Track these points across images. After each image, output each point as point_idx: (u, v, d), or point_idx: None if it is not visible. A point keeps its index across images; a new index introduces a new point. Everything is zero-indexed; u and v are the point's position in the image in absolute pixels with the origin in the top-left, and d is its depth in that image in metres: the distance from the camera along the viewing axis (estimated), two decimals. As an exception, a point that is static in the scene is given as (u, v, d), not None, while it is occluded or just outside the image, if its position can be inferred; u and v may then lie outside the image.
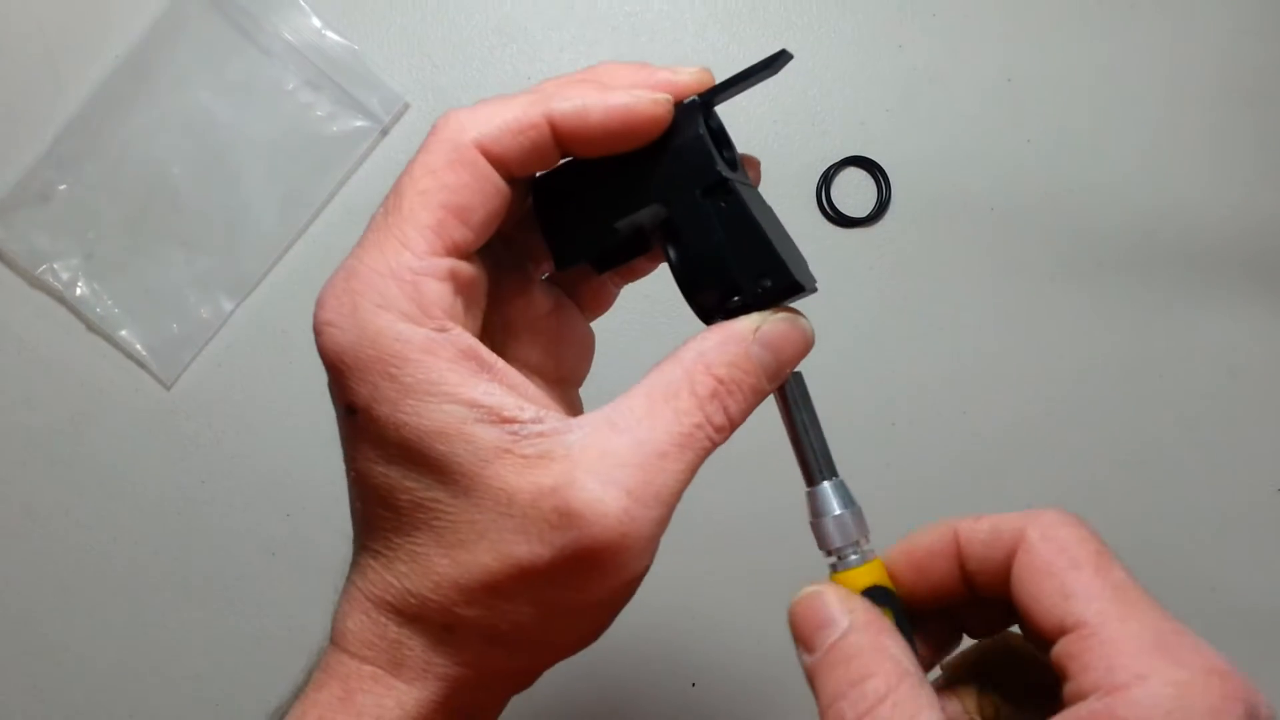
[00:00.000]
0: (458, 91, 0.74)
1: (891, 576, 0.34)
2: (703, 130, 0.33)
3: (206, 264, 0.72)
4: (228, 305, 0.72)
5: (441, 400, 0.31)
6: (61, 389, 0.71)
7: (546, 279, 0.40)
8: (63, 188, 0.71)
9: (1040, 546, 0.30)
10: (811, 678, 0.31)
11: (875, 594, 0.33)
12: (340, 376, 0.32)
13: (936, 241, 0.74)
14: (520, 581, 0.31)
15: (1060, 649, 0.28)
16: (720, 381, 0.33)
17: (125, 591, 0.71)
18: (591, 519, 0.30)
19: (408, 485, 0.32)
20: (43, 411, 0.71)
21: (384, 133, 0.73)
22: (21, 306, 0.72)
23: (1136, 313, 0.74)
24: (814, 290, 0.35)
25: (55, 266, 0.71)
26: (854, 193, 0.74)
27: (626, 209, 0.34)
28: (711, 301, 0.35)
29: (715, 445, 0.33)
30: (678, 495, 0.32)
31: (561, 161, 0.35)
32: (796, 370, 0.35)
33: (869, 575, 0.33)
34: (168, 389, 0.72)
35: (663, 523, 0.32)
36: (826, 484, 0.35)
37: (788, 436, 0.36)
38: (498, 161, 0.33)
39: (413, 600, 0.33)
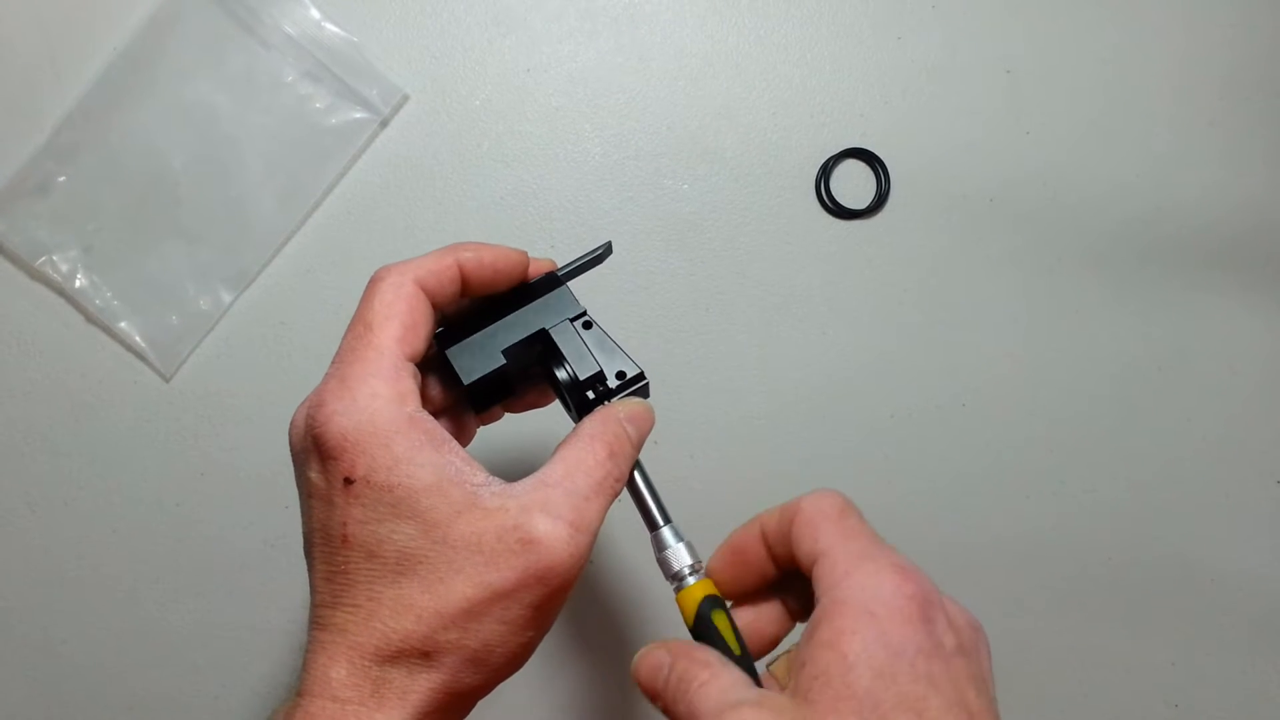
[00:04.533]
0: (457, 83, 0.74)
1: (719, 568, 0.45)
2: (567, 285, 0.50)
3: (206, 256, 0.72)
4: (227, 297, 0.72)
5: (424, 466, 0.41)
6: (61, 381, 0.71)
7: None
8: (62, 179, 0.71)
9: (806, 511, 0.42)
10: (666, 712, 0.41)
11: (708, 600, 0.44)
12: (342, 454, 0.41)
13: (936, 234, 0.74)
14: (492, 602, 0.40)
15: (813, 578, 0.40)
16: (610, 447, 0.44)
17: (124, 583, 0.71)
18: (548, 543, 0.40)
19: (395, 538, 0.41)
20: (42, 403, 0.71)
21: (383, 125, 0.73)
22: (21, 298, 0.72)
23: (1136, 306, 0.74)
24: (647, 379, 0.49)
25: (54, 258, 0.71)
26: (853, 185, 0.74)
27: (515, 335, 0.48)
28: (583, 397, 0.48)
29: (618, 491, 0.44)
30: (599, 527, 0.43)
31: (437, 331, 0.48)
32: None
33: (702, 589, 0.44)
34: (167, 381, 0.72)
35: (591, 546, 0.42)
36: (664, 528, 0.46)
37: (631, 498, 0.47)
38: (429, 293, 0.45)
39: (395, 637, 0.40)
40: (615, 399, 0.48)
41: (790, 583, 0.45)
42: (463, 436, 0.52)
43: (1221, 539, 0.73)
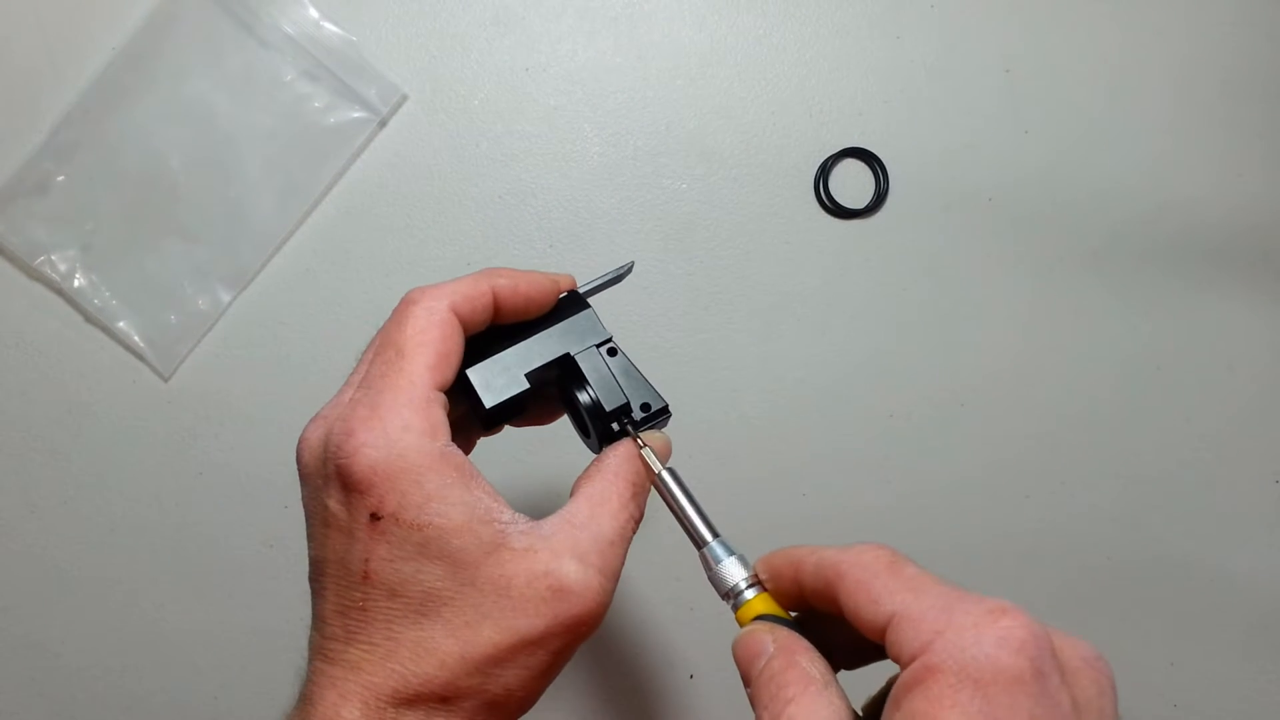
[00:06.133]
0: (455, 83, 0.74)
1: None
2: (591, 308, 0.48)
3: (204, 255, 0.72)
4: (225, 297, 0.72)
5: (455, 505, 0.40)
6: (59, 380, 0.71)
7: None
8: (61, 179, 0.71)
9: (850, 572, 0.37)
10: (751, 704, 0.38)
11: (771, 617, 0.41)
12: (370, 488, 0.40)
13: (934, 233, 0.74)
14: (518, 650, 0.39)
15: (887, 644, 0.35)
16: (632, 485, 0.44)
17: (122, 583, 0.71)
18: (580, 592, 0.40)
19: (420, 578, 0.39)
20: (40, 403, 0.71)
21: (382, 124, 0.73)
22: (19, 298, 0.72)
23: (1135, 305, 0.74)
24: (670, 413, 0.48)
25: (53, 258, 0.71)
26: (852, 184, 0.74)
27: (540, 359, 0.47)
28: (606, 427, 0.46)
29: (637, 529, 0.43)
30: (621, 570, 0.42)
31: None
32: (669, 465, 0.45)
33: (761, 604, 0.41)
34: (165, 380, 0.72)
35: (614, 592, 0.42)
36: (713, 543, 0.43)
37: (673, 514, 0.44)
38: (462, 319, 0.44)
39: (415, 681, 0.39)
40: (637, 432, 0.46)
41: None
42: (466, 447, 0.51)
43: (1221, 539, 0.72)
